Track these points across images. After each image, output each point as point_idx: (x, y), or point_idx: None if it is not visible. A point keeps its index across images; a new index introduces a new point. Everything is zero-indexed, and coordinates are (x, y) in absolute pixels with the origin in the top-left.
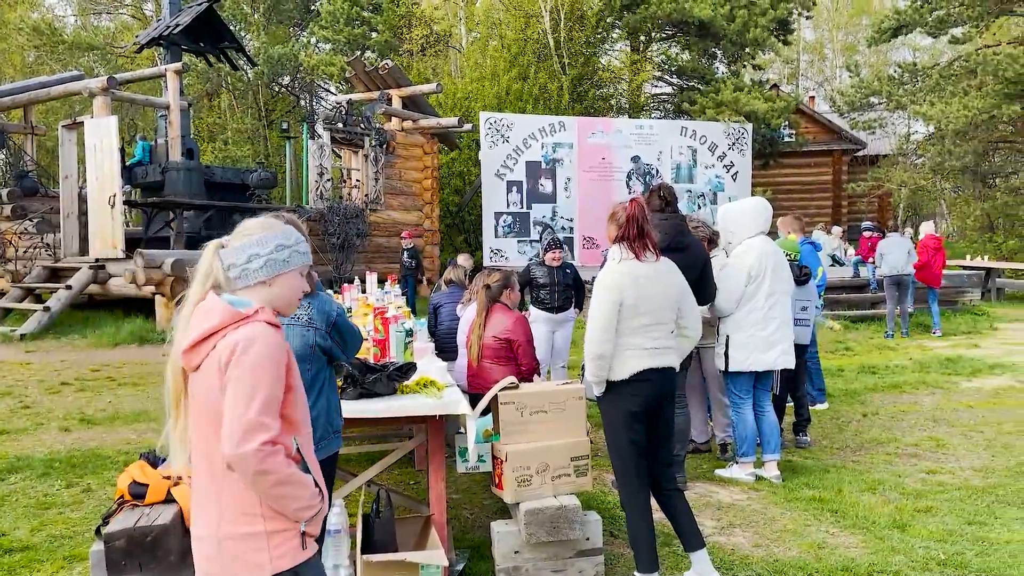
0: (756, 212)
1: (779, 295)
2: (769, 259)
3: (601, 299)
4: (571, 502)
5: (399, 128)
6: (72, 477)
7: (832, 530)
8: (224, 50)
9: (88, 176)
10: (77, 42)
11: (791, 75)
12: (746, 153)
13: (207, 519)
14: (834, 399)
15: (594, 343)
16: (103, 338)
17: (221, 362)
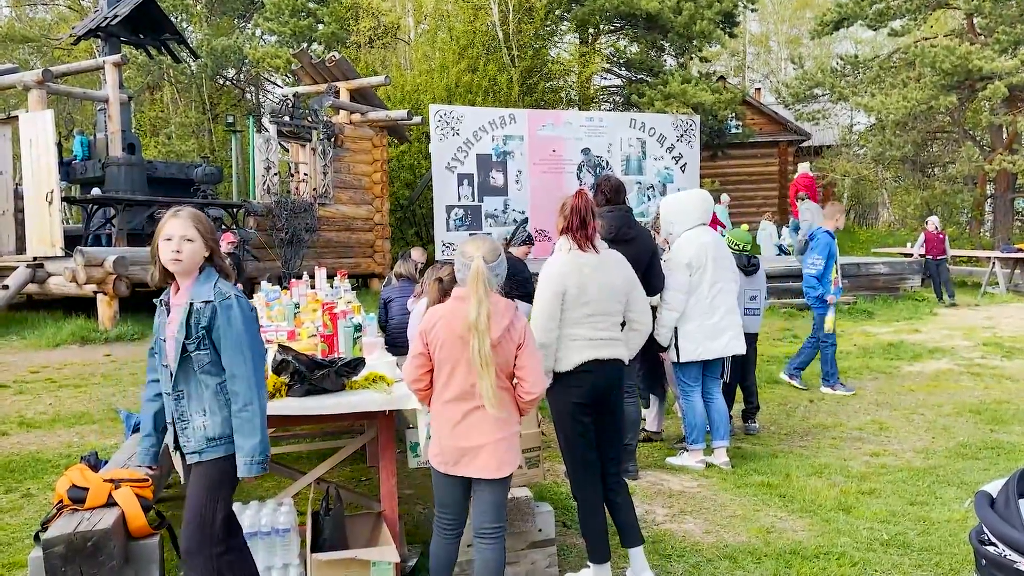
0: (695, 204)
1: (723, 283)
2: (709, 249)
3: (544, 289)
4: (523, 494)
5: (347, 121)
6: (11, 482)
7: (780, 514)
8: (165, 42)
9: (24, 172)
10: (11, 34)
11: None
12: (694, 145)
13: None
14: (780, 385)
15: (537, 332)
16: (43, 339)
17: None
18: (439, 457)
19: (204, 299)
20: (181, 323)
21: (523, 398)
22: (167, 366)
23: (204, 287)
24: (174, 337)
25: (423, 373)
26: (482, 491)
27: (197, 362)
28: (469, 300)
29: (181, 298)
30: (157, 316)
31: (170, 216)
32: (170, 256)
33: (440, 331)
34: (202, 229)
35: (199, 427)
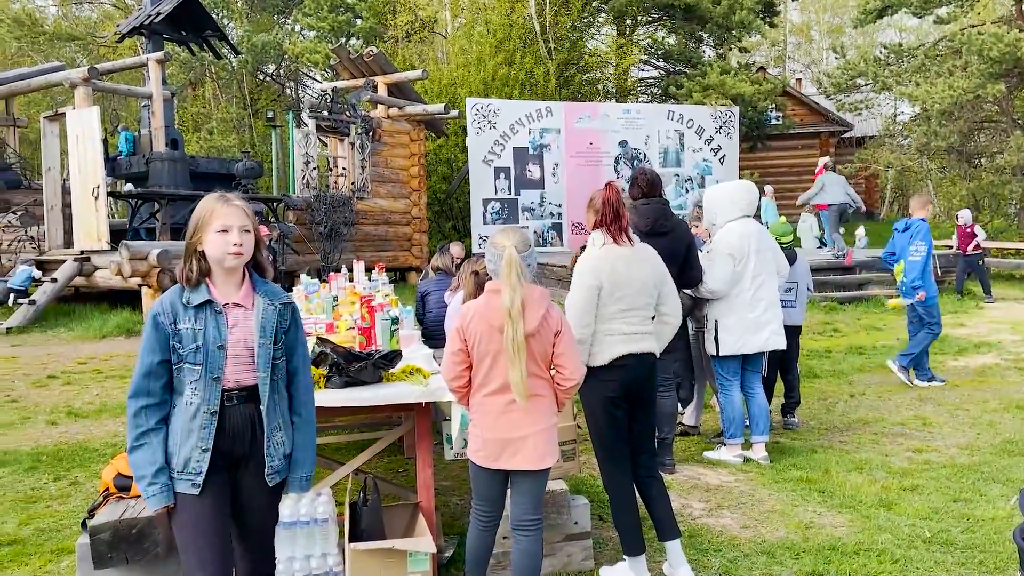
0: (738, 195)
1: (765, 276)
2: (752, 241)
3: (579, 284)
4: (559, 486)
5: (385, 115)
6: (59, 470)
7: (819, 510)
8: (207, 39)
9: (71, 168)
10: (58, 32)
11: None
12: (733, 136)
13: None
14: (821, 380)
15: (573, 328)
16: (89, 331)
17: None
18: (481, 452)
19: (283, 299)
20: (261, 327)
21: (562, 386)
22: (217, 378)
23: (269, 285)
24: (252, 344)
25: (463, 370)
26: (522, 483)
27: (279, 370)
28: (503, 289)
29: (245, 298)
30: (189, 321)
31: (219, 203)
32: (231, 249)
33: (477, 325)
34: (252, 216)
35: (279, 443)
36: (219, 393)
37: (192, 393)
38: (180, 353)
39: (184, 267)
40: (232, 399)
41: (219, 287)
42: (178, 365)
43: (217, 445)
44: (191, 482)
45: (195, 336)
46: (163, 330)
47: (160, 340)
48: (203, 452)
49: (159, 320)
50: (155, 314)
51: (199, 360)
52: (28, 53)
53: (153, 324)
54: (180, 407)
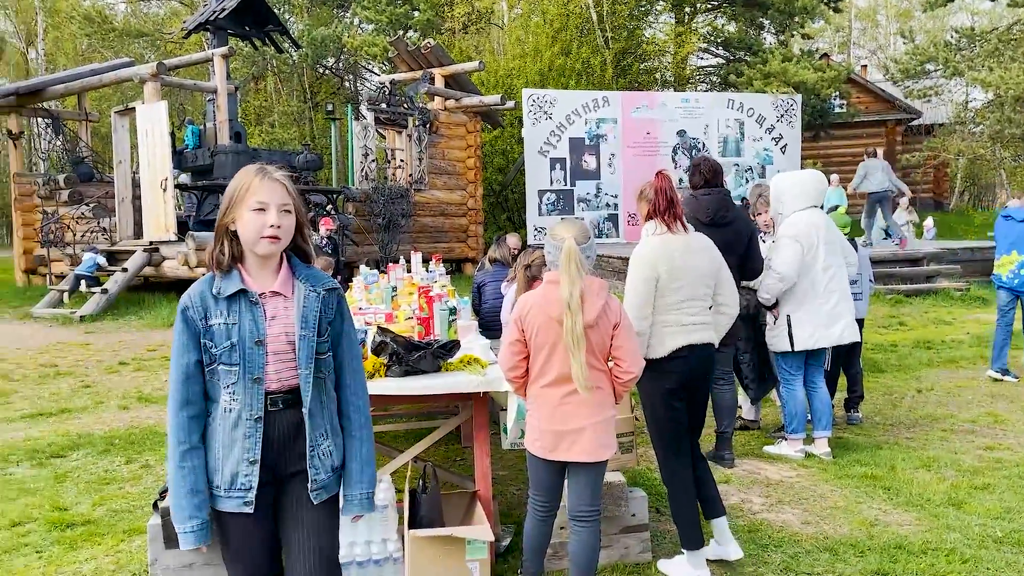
0: (808, 184)
1: (835, 268)
2: (820, 231)
3: (637, 274)
4: (616, 478)
5: (442, 107)
6: (131, 453)
7: (885, 507)
8: (269, 33)
9: (140, 161)
10: (127, 29)
11: (842, 44)
12: (795, 125)
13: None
14: (887, 375)
15: (631, 319)
16: (158, 319)
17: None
18: (538, 443)
19: (326, 285)
20: (303, 317)
21: (620, 379)
22: (258, 380)
23: (311, 270)
24: (292, 337)
25: (520, 360)
26: (579, 475)
27: (324, 367)
28: (561, 281)
29: (284, 285)
30: (221, 315)
31: (257, 176)
32: (266, 232)
33: (535, 316)
34: (296, 195)
35: (326, 454)
36: (262, 396)
37: (230, 398)
38: (213, 353)
39: (214, 250)
40: (276, 403)
41: (253, 274)
42: (211, 367)
43: (262, 457)
44: (241, 499)
45: (228, 332)
46: (193, 326)
47: (193, 337)
48: (251, 464)
49: (188, 315)
50: (184, 308)
51: (235, 360)
52: (98, 50)
53: (183, 320)
54: (218, 416)
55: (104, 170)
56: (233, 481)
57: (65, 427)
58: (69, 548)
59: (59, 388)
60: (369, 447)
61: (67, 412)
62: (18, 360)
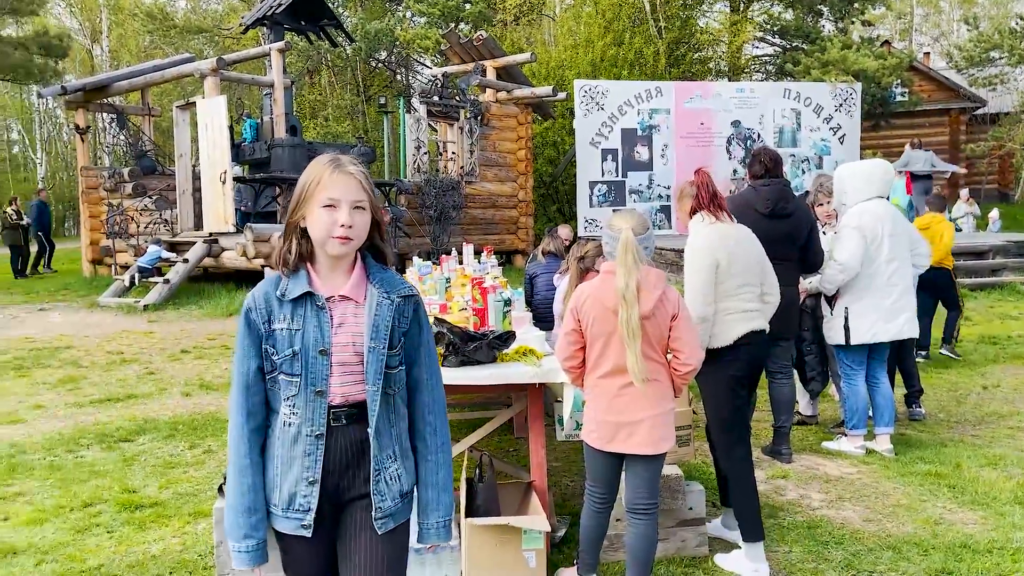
0: (875, 174)
1: (900, 261)
2: (886, 223)
3: (696, 263)
4: (673, 472)
5: (493, 99)
6: (194, 439)
7: (949, 506)
8: (323, 28)
9: (200, 154)
10: (187, 25)
11: (904, 31)
12: (854, 115)
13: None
14: (951, 371)
15: (695, 307)
16: (217, 309)
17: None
18: (594, 434)
19: (402, 291)
20: (373, 327)
21: (679, 371)
22: (320, 392)
23: (387, 273)
24: (361, 348)
25: (576, 350)
26: (637, 467)
27: (395, 383)
28: (617, 271)
29: (356, 289)
30: (284, 319)
31: (328, 169)
32: (337, 232)
33: (591, 306)
34: (372, 190)
35: (393, 479)
36: (325, 411)
37: (290, 412)
38: (274, 360)
39: (282, 248)
40: (340, 418)
41: (323, 275)
42: (272, 375)
43: (323, 477)
44: (299, 522)
45: (291, 339)
46: (256, 329)
47: (255, 342)
48: (310, 485)
49: (251, 317)
50: (248, 309)
51: (296, 370)
52: (159, 46)
53: (246, 322)
54: (277, 429)
55: (166, 163)
56: (291, 501)
57: (132, 412)
58: (138, 528)
59: (125, 375)
60: (447, 472)
61: (133, 398)
62: (86, 348)
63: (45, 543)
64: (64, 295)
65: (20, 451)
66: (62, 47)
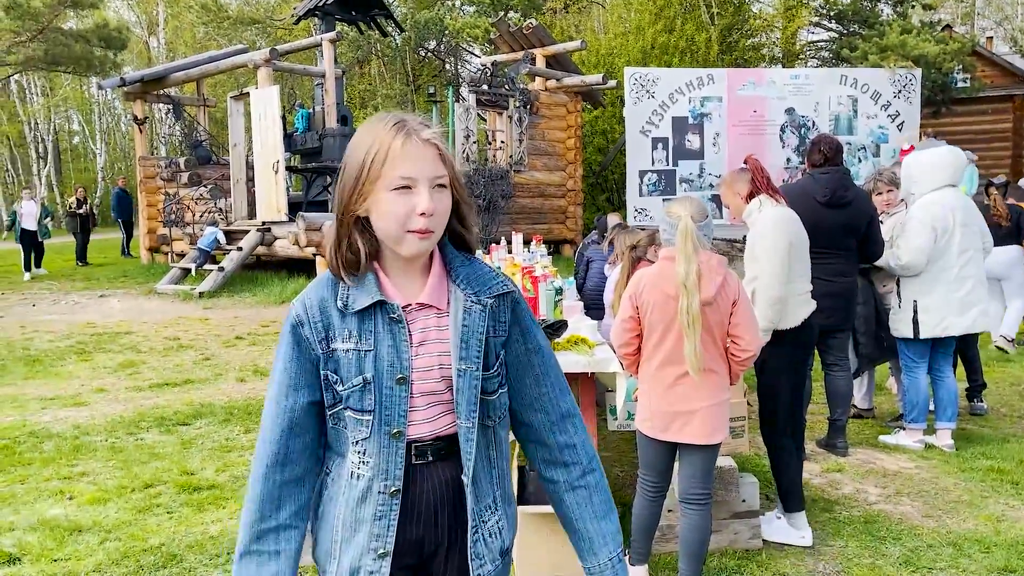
0: (944, 162)
1: (972, 252)
2: (958, 213)
3: (773, 243)
4: (727, 463)
5: (543, 88)
6: (249, 423)
7: (1012, 502)
8: (374, 17)
9: (254, 144)
10: (240, 17)
11: (966, 14)
12: (914, 101)
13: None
14: (1014, 364)
15: (773, 287)
16: (270, 296)
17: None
18: (648, 422)
19: (496, 289)
20: (462, 342)
21: (738, 357)
22: (398, 434)
23: (476, 266)
24: (448, 371)
25: (632, 337)
26: (691, 457)
27: (497, 410)
28: (677, 259)
29: (436, 293)
30: (350, 337)
31: (398, 134)
32: (415, 225)
33: (649, 293)
34: (452, 159)
35: (494, 534)
36: (403, 458)
37: (359, 460)
38: (337, 391)
39: (337, 250)
40: (424, 454)
41: (394, 276)
42: (335, 411)
43: (400, 532)
44: None
45: (360, 363)
46: (310, 350)
47: (307, 368)
48: (379, 559)
49: (302, 333)
50: (296, 322)
51: (368, 405)
52: (213, 37)
53: (293, 340)
54: (339, 480)
55: (220, 153)
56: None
57: (189, 397)
58: (197, 510)
59: (182, 360)
60: (604, 495)
61: (190, 383)
62: (145, 333)
63: (108, 522)
64: (123, 282)
65: (83, 433)
66: (121, 39)
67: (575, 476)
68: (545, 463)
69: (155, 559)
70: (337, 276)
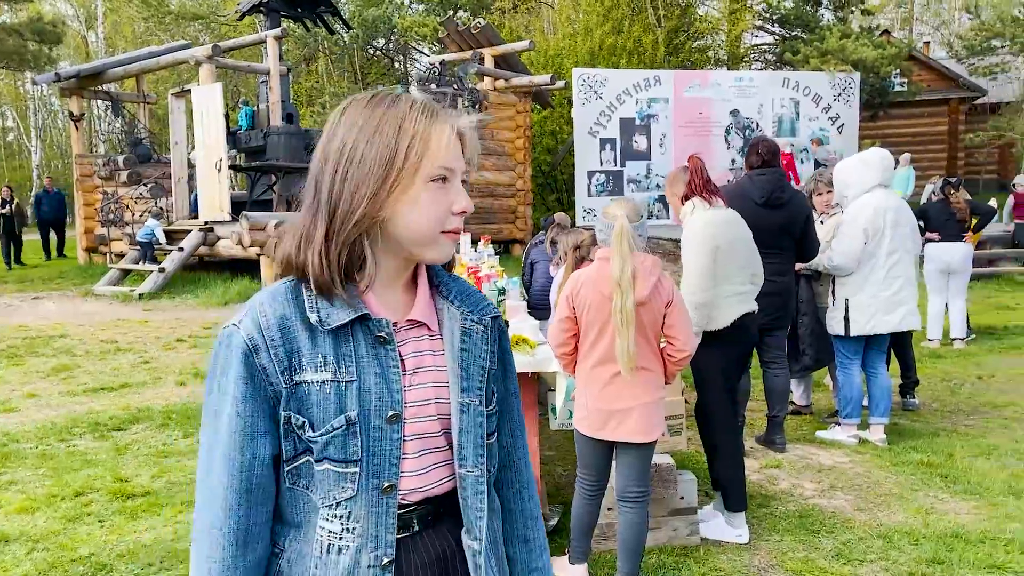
0: (873, 165)
1: (901, 253)
2: (889, 215)
3: (698, 247)
4: (665, 461)
5: (492, 88)
6: (188, 428)
7: (941, 495)
8: (320, 15)
9: (196, 142)
10: (182, 12)
11: (904, 20)
12: (853, 104)
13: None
14: (946, 361)
15: (697, 292)
16: (212, 297)
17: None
18: (585, 421)
19: (490, 311)
20: (462, 368)
21: (673, 357)
22: (390, 488)
23: (462, 282)
24: (445, 407)
25: (569, 337)
26: (627, 455)
27: (494, 460)
28: (612, 258)
29: (426, 310)
30: (324, 364)
31: (437, 122)
32: (454, 224)
33: (587, 293)
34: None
35: None
36: (395, 518)
37: (342, 528)
38: (303, 437)
39: (325, 261)
40: (411, 523)
41: (378, 289)
42: (295, 465)
43: None
44: None
45: (341, 398)
46: (266, 384)
47: (263, 408)
48: None
49: (256, 363)
50: (246, 348)
51: (353, 453)
52: (155, 32)
53: (246, 370)
54: (302, 561)
55: (161, 151)
56: None
57: (125, 401)
58: (130, 518)
59: (119, 364)
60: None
61: (127, 387)
62: (81, 336)
63: (36, 531)
64: (59, 284)
65: (13, 440)
66: (56, 33)
67: (535, 556)
68: (504, 537)
69: (84, 569)
70: (318, 289)
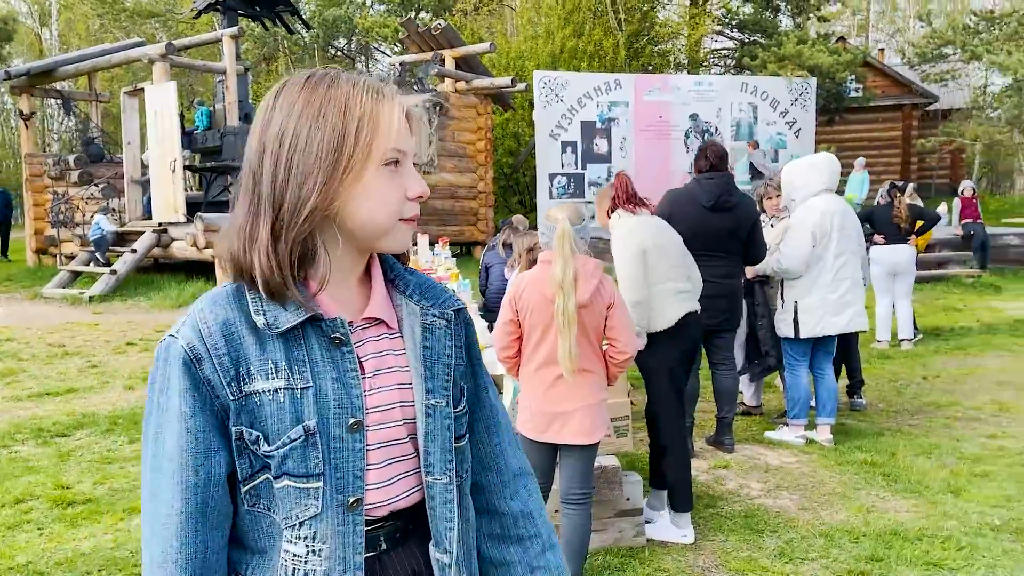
0: (820, 169)
1: (848, 255)
2: (835, 218)
3: (624, 252)
4: (611, 462)
5: (453, 89)
6: (134, 433)
7: (883, 494)
8: (280, 14)
9: (150, 142)
10: (138, 9)
11: (860, 27)
12: (809, 109)
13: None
14: (893, 362)
15: (629, 292)
16: (166, 300)
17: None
18: (529, 423)
19: (454, 304)
20: (426, 368)
21: (615, 359)
22: (356, 503)
23: (420, 276)
24: (410, 411)
25: (512, 340)
26: (570, 457)
27: (465, 464)
28: (554, 261)
29: (382, 306)
30: (275, 371)
31: (385, 102)
32: (411, 211)
33: (529, 295)
34: None
35: None
36: (362, 537)
37: (307, 550)
38: (261, 453)
39: (273, 252)
40: (376, 542)
41: (330, 290)
42: (252, 484)
43: None
44: None
45: (297, 407)
46: (212, 397)
47: (212, 422)
48: None
49: (199, 374)
50: (187, 358)
51: (315, 467)
52: (110, 30)
53: (190, 382)
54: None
55: (115, 151)
56: None
57: (71, 406)
58: (70, 526)
59: (66, 368)
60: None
61: (73, 392)
62: (27, 340)
63: None
64: (6, 286)
65: None
66: (7, 30)
67: (534, 554)
68: (494, 540)
69: None
70: (266, 290)
